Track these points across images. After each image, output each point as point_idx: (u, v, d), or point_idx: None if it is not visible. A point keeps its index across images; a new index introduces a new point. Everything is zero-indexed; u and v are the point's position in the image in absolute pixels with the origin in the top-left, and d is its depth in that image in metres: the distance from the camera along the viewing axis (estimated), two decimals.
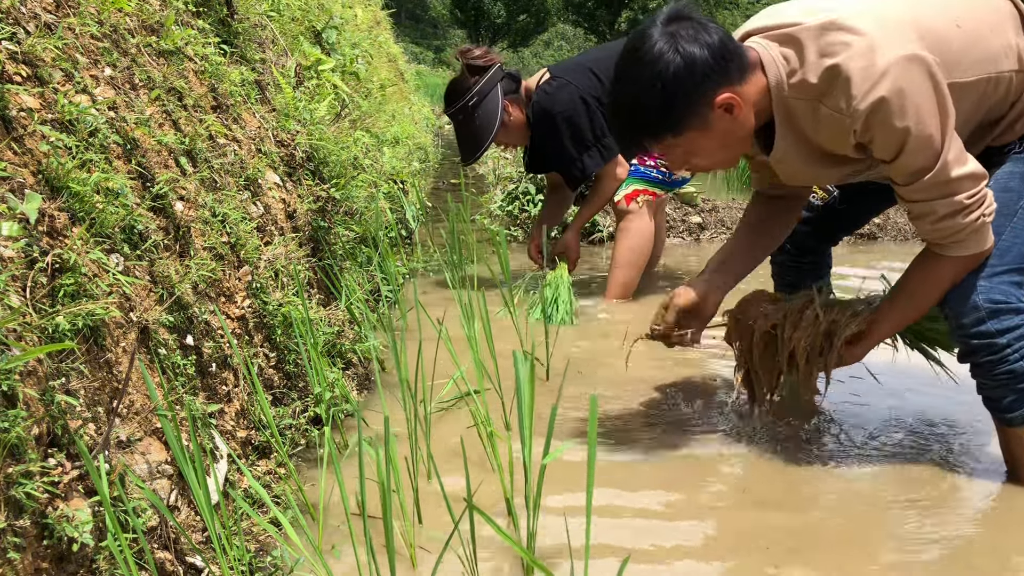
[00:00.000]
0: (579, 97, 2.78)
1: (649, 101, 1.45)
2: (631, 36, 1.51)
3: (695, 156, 1.56)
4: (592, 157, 2.81)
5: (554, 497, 1.52)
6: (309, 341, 1.75)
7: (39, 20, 1.33)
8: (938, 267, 1.53)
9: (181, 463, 1.12)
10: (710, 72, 1.43)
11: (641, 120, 1.49)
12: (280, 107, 2.36)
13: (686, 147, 1.52)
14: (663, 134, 1.50)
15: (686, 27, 1.44)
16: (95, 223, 1.22)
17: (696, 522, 1.47)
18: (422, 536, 1.40)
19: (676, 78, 1.42)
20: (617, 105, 1.53)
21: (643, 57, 1.44)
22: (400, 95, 6.72)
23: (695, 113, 1.46)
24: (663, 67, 1.42)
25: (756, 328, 1.75)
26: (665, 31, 1.44)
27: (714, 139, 1.51)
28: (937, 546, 1.40)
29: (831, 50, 1.41)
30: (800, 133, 1.53)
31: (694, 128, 1.48)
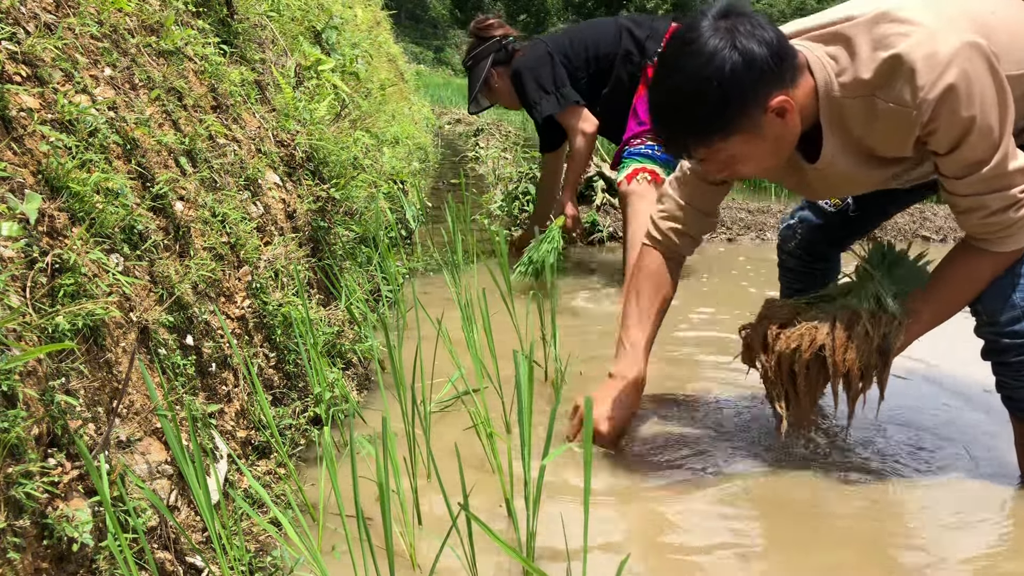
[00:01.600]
0: (546, 52, 3.12)
1: (702, 99, 1.35)
2: (679, 30, 1.41)
3: (739, 162, 1.46)
4: (548, 101, 3.11)
5: (554, 497, 1.52)
6: (309, 341, 1.75)
7: (39, 20, 1.33)
8: (979, 262, 1.48)
9: (181, 463, 1.12)
10: (768, 72, 1.35)
11: (690, 119, 1.40)
12: (280, 107, 2.36)
13: (732, 152, 1.43)
14: (712, 136, 1.40)
15: (743, 22, 1.36)
16: (95, 223, 1.22)
17: (696, 522, 1.47)
18: (422, 537, 1.40)
19: (734, 75, 1.33)
20: (664, 102, 1.43)
21: (698, 52, 1.34)
22: (400, 95, 6.72)
23: (748, 115, 1.37)
24: (720, 63, 1.33)
25: (799, 353, 1.56)
26: (719, 25, 1.35)
27: (763, 145, 1.43)
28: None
29: (887, 42, 1.34)
30: (848, 135, 1.46)
31: (744, 131, 1.39)
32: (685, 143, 1.45)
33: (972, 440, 1.82)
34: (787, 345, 1.56)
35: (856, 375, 1.53)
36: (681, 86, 1.38)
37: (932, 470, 1.68)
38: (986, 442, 1.80)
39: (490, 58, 3.28)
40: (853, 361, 1.52)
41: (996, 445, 1.77)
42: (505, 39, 3.30)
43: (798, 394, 1.60)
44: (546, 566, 1.32)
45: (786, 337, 1.57)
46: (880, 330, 1.53)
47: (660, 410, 1.98)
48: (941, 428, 1.88)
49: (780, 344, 1.57)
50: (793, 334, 1.57)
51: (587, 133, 3.10)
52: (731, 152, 1.43)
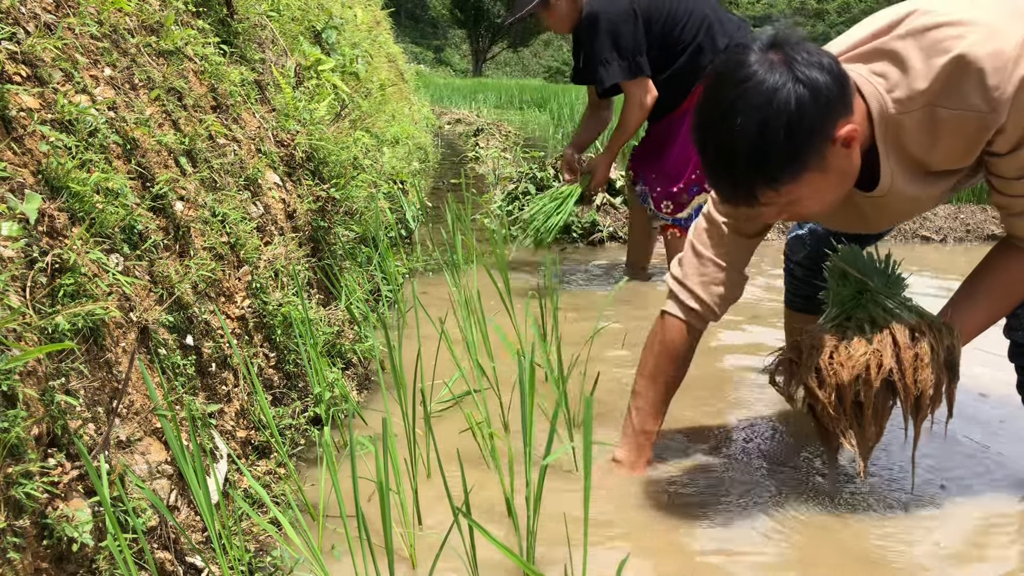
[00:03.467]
0: (632, 8, 2.87)
1: (770, 140, 1.22)
2: (722, 68, 1.29)
3: (803, 203, 1.34)
4: (621, 67, 2.89)
5: (554, 497, 1.52)
6: (309, 341, 1.75)
7: (39, 20, 1.33)
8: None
9: (181, 463, 1.12)
10: (833, 100, 1.24)
11: (758, 164, 1.25)
12: (280, 107, 2.36)
13: (799, 193, 1.30)
14: (782, 178, 1.26)
15: (798, 50, 1.25)
16: (95, 223, 1.22)
17: (697, 524, 1.47)
18: (422, 537, 1.40)
19: (801, 110, 1.21)
20: (722, 148, 1.28)
21: (756, 88, 1.22)
22: (400, 95, 6.72)
23: (817, 150, 1.25)
24: (785, 98, 1.21)
25: (866, 381, 1.41)
26: (772, 58, 1.24)
27: (829, 180, 1.31)
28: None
29: (943, 47, 1.26)
30: (904, 155, 1.37)
31: (813, 168, 1.27)
32: (751, 190, 1.29)
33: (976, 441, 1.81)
34: (850, 374, 1.41)
35: (928, 395, 1.41)
36: (744, 129, 1.23)
37: (950, 486, 1.63)
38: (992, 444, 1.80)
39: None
40: (926, 381, 1.40)
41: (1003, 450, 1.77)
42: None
43: (863, 425, 1.45)
44: (546, 566, 1.32)
45: (848, 366, 1.41)
46: (944, 342, 1.42)
47: (672, 416, 1.97)
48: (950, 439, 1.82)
49: (842, 374, 1.42)
50: (856, 361, 1.41)
51: (646, 107, 2.96)
52: (798, 193, 1.31)
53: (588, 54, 2.99)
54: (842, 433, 1.46)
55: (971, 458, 1.74)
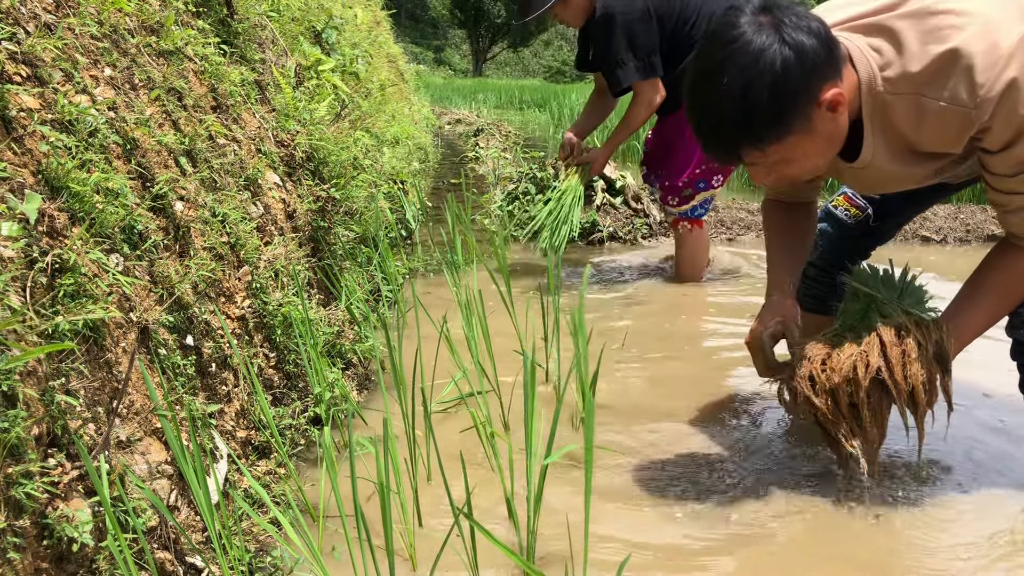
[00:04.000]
0: (646, 7, 2.89)
1: (755, 101, 1.25)
2: (714, 29, 1.31)
3: (790, 164, 1.36)
4: (637, 68, 2.93)
5: (554, 497, 1.52)
6: (309, 341, 1.75)
7: (39, 20, 1.33)
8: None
9: (181, 463, 1.12)
10: (820, 63, 1.26)
11: (743, 123, 1.28)
12: (280, 107, 2.36)
13: (784, 154, 1.33)
14: (766, 138, 1.29)
15: (787, 14, 1.27)
16: (95, 223, 1.22)
17: (698, 525, 1.47)
18: (422, 537, 1.40)
19: (786, 72, 1.23)
20: (708, 107, 1.30)
21: (743, 50, 1.24)
22: (400, 95, 6.72)
23: (802, 112, 1.27)
24: (771, 59, 1.23)
25: (856, 383, 1.43)
26: (762, 20, 1.26)
27: (814, 143, 1.33)
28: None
29: (940, 35, 1.26)
30: (891, 132, 1.38)
31: (798, 131, 1.29)
32: (736, 149, 1.33)
33: (979, 446, 1.81)
34: (841, 377, 1.44)
35: (921, 390, 1.42)
36: (730, 89, 1.26)
37: (948, 483, 1.62)
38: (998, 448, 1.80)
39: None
40: (916, 375, 1.40)
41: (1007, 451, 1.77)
42: None
43: (863, 427, 1.47)
44: (546, 566, 1.32)
45: (837, 369, 1.44)
46: (932, 337, 1.43)
47: (662, 407, 1.97)
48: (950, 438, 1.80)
49: (833, 378, 1.44)
50: (843, 364, 1.44)
51: (654, 106, 3.01)
52: (783, 154, 1.33)
53: (602, 52, 3.00)
54: (844, 437, 1.48)
55: (975, 455, 1.74)
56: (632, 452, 1.75)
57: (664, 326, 2.70)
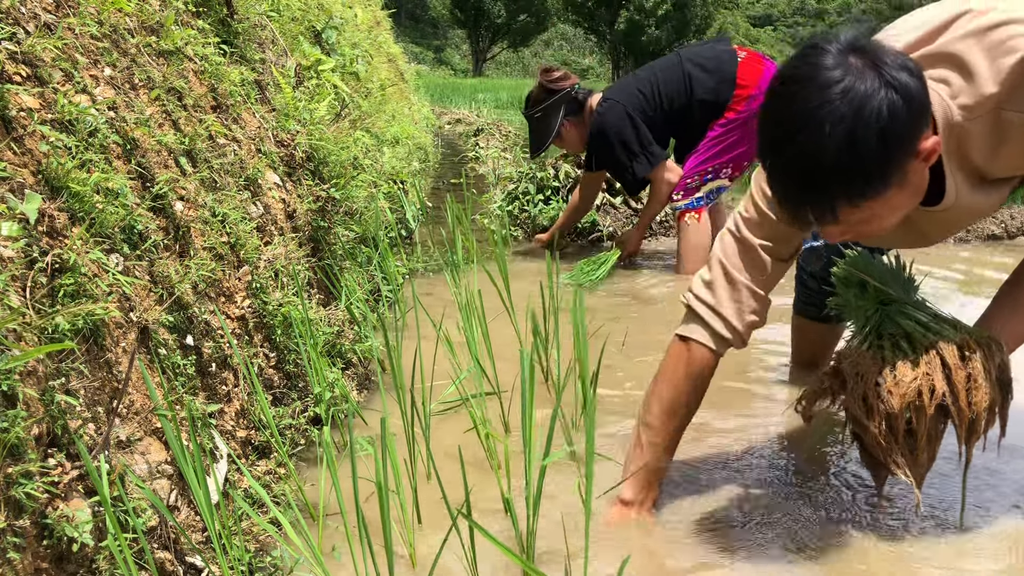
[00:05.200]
0: (626, 114, 3.24)
1: (863, 152, 1.09)
2: (794, 74, 1.15)
3: (876, 220, 1.21)
4: (640, 163, 3.27)
5: (554, 497, 1.52)
6: (309, 341, 1.75)
7: (39, 20, 1.33)
8: None
9: (181, 463, 1.12)
10: (924, 107, 1.14)
11: (845, 179, 1.12)
12: (280, 107, 2.36)
13: (876, 210, 1.18)
14: (869, 193, 1.14)
15: (883, 53, 1.13)
16: (95, 223, 1.22)
17: (699, 525, 1.47)
18: (422, 537, 1.40)
19: (894, 117, 1.09)
20: (804, 161, 1.13)
21: (844, 95, 1.09)
22: (400, 95, 6.72)
23: (903, 163, 1.14)
24: (878, 106, 1.08)
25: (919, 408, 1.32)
26: (855, 61, 1.11)
27: (905, 196, 1.20)
28: None
29: (1009, 46, 1.18)
30: (967, 164, 1.29)
31: (895, 184, 1.15)
32: (833, 206, 1.15)
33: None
34: (902, 402, 1.32)
35: (983, 417, 1.32)
36: (831, 138, 1.09)
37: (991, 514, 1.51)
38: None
39: (562, 110, 3.41)
40: (981, 402, 1.31)
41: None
42: (573, 89, 3.43)
43: (915, 452, 1.36)
44: (546, 566, 1.32)
45: (898, 393, 1.32)
46: (995, 359, 1.33)
47: None
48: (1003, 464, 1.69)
49: (893, 402, 1.32)
50: (906, 388, 1.31)
51: (672, 183, 3.29)
52: (876, 211, 1.17)
53: (610, 168, 3.43)
54: (895, 463, 1.37)
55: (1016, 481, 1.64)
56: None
57: (665, 325, 2.70)
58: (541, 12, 43.16)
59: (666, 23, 37.46)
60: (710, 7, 38.73)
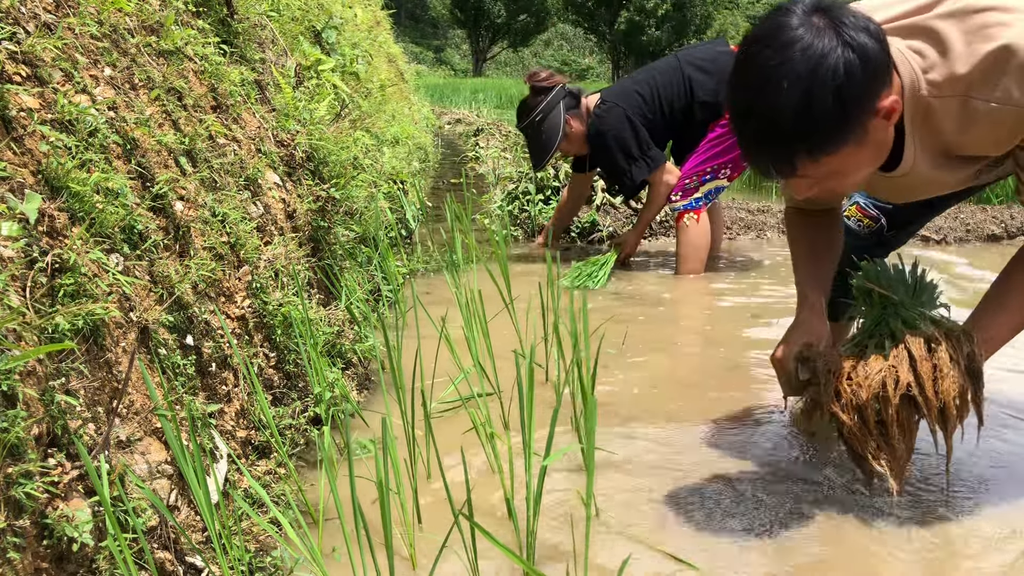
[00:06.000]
0: (625, 117, 3.23)
1: (817, 108, 1.14)
2: (762, 33, 1.21)
3: (839, 176, 1.27)
4: (639, 167, 3.26)
5: (555, 498, 1.52)
6: (309, 341, 1.75)
7: (39, 20, 1.33)
8: None
9: (181, 463, 1.12)
10: (880, 69, 1.17)
11: (801, 133, 1.18)
12: (280, 107, 2.36)
13: (836, 165, 1.23)
14: (825, 149, 1.19)
15: (844, 13, 1.17)
16: (95, 223, 1.22)
17: (697, 525, 1.47)
18: (422, 537, 1.40)
19: (851, 77, 1.14)
20: (761, 116, 1.20)
21: (803, 53, 1.14)
22: (400, 95, 6.72)
23: (861, 121, 1.18)
24: (834, 63, 1.13)
25: (885, 399, 1.37)
26: (816, 21, 1.17)
27: (867, 153, 1.24)
28: None
29: (987, 33, 1.20)
30: (932, 136, 1.31)
31: (853, 141, 1.20)
32: (790, 160, 1.22)
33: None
34: (869, 393, 1.37)
35: (952, 406, 1.36)
36: (787, 96, 1.15)
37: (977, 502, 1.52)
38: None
39: (561, 105, 3.30)
40: (948, 391, 1.34)
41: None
42: (564, 86, 3.36)
43: (891, 443, 1.40)
44: (547, 567, 1.32)
45: (866, 385, 1.38)
46: (963, 350, 1.36)
47: (675, 417, 1.97)
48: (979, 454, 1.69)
49: (861, 394, 1.38)
50: (872, 379, 1.37)
51: (671, 185, 3.30)
52: (835, 166, 1.23)
53: (608, 170, 3.41)
54: (872, 454, 1.42)
55: (1004, 471, 1.63)
56: (632, 453, 1.75)
57: (665, 325, 2.70)
58: (541, 12, 43.18)
59: (666, 23, 37.48)
60: (710, 7, 38.75)
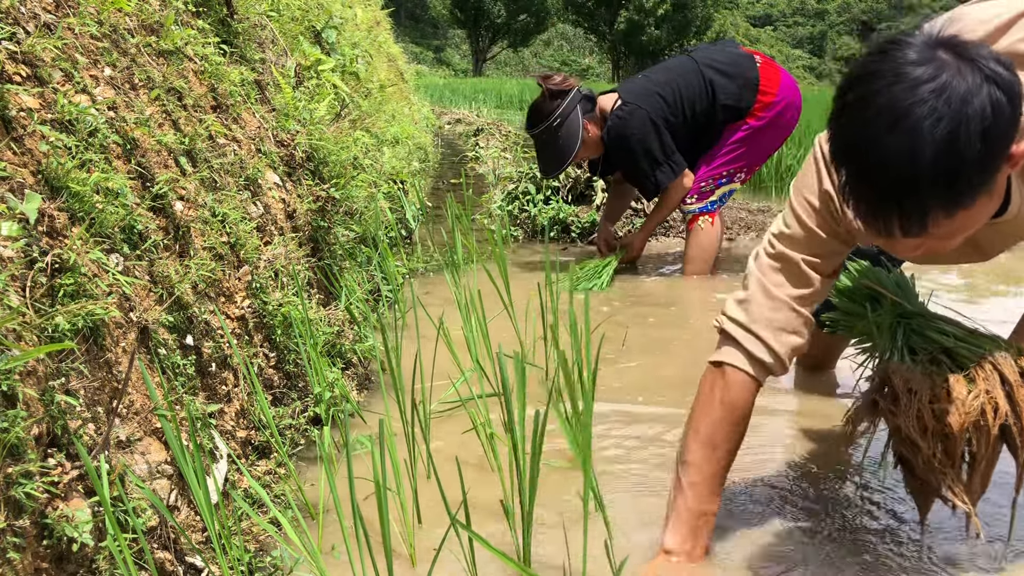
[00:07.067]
0: (649, 120, 3.13)
1: (966, 153, 0.97)
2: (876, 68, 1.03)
3: (961, 232, 1.09)
4: (664, 172, 3.18)
5: (553, 499, 1.52)
6: (309, 341, 1.75)
7: (39, 20, 1.33)
8: None
9: (181, 463, 1.12)
10: (1020, 108, 1.01)
11: (944, 181, 0.99)
12: (280, 107, 2.36)
13: (964, 220, 1.05)
14: (965, 201, 1.01)
15: (973, 47, 1.02)
16: (95, 223, 1.22)
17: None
18: (421, 537, 1.40)
19: (998, 116, 0.97)
20: (895, 164, 1.00)
21: (944, 90, 0.97)
22: (400, 95, 6.72)
23: (999, 168, 1.02)
24: (983, 101, 0.97)
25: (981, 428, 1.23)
26: (945, 56, 1.00)
27: (991, 207, 1.09)
28: None
29: None
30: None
31: (987, 191, 1.03)
32: (923, 217, 1.02)
33: None
34: (961, 421, 1.21)
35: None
36: (927, 142, 0.97)
37: None
38: None
39: (578, 110, 3.20)
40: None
41: None
42: (579, 88, 3.26)
43: (971, 476, 1.26)
44: (544, 569, 1.31)
45: (958, 412, 1.21)
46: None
47: (675, 418, 1.97)
48: None
49: (951, 421, 1.22)
50: (968, 407, 1.21)
51: (687, 189, 3.25)
52: (964, 220, 1.05)
53: (631, 174, 3.31)
54: (950, 489, 1.25)
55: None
56: (631, 453, 1.75)
57: (666, 326, 2.70)
58: (541, 12, 43.19)
59: (666, 23, 37.48)
60: (710, 7, 38.74)
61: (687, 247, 3.34)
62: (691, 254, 3.31)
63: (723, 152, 3.21)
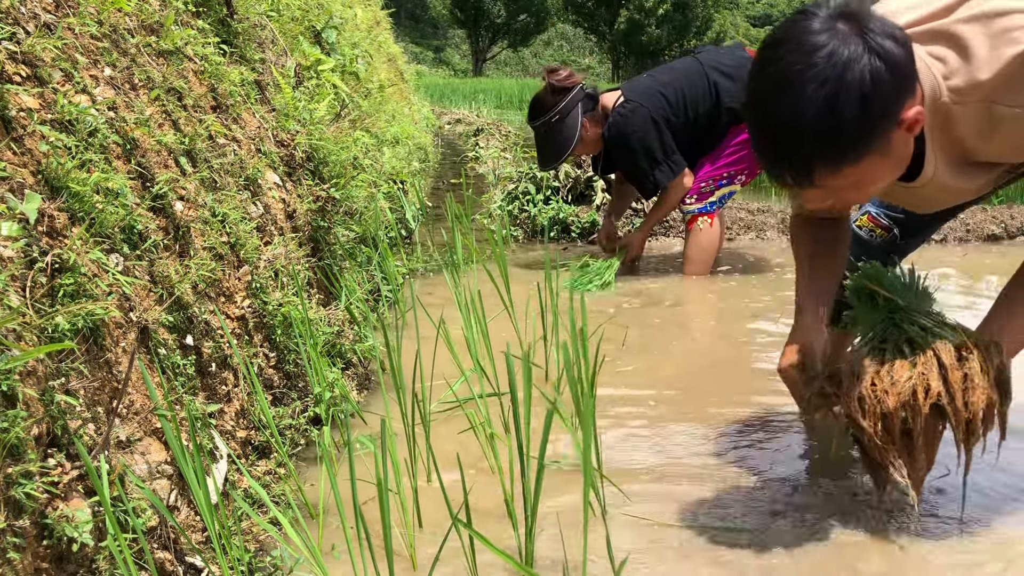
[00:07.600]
0: (651, 119, 3.15)
1: (841, 117, 1.11)
2: (784, 36, 1.17)
3: (857, 188, 1.23)
4: (663, 172, 3.20)
5: (553, 499, 1.52)
6: (309, 341, 1.75)
7: (39, 20, 1.33)
8: None
9: (181, 463, 1.12)
10: (907, 78, 1.14)
11: (822, 143, 1.14)
12: (280, 107, 2.36)
13: (857, 177, 1.19)
14: (845, 159, 1.15)
15: (870, 20, 1.14)
16: (95, 223, 1.22)
17: (696, 528, 1.47)
18: (422, 537, 1.40)
19: (876, 85, 1.11)
20: (783, 122, 1.15)
21: (827, 60, 1.11)
22: (400, 95, 6.72)
23: (885, 131, 1.15)
24: (860, 71, 1.10)
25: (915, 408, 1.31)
26: (841, 27, 1.13)
27: (887, 165, 1.21)
28: None
29: (1012, 37, 1.17)
30: (951, 144, 1.29)
31: (876, 151, 1.16)
32: (810, 170, 1.17)
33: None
34: (897, 401, 1.30)
35: (979, 418, 1.30)
36: (810, 103, 1.11)
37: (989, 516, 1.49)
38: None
39: (579, 108, 3.20)
40: (978, 403, 1.29)
41: None
42: (583, 86, 3.26)
43: (913, 453, 1.34)
44: (545, 569, 1.31)
45: (893, 393, 1.31)
46: (993, 360, 1.31)
47: (676, 418, 1.97)
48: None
49: (887, 402, 1.31)
50: (901, 386, 1.31)
51: (686, 189, 3.26)
52: (856, 177, 1.19)
53: (630, 172, 3.31)
54: (891, 464, 1.36)
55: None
56: (632, 454, 1.75)
57: (666, 326, 2.70)
58: (541, 12, 43.16)
59: (666, 23, 37.49)
60: (710, 7, 38.75)
61: (686, 247, 3.34)
62: (690, 254, 3.32)
63: (726, 153, 3.22)
